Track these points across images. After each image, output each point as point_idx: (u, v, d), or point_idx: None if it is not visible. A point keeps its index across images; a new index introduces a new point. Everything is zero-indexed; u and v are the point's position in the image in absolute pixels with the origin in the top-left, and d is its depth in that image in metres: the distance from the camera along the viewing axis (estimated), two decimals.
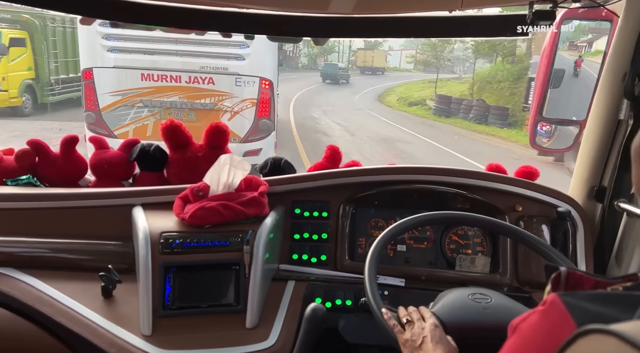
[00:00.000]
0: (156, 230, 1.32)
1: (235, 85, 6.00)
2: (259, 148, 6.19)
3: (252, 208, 1.39)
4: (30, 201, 1.48)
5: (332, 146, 1.80)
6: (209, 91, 6.02)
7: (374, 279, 1.10)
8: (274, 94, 6.21)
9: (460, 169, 1.56)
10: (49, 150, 1.71)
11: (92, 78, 5.94)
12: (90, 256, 1.44)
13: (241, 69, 5.98)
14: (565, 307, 0.49)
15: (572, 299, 0.50)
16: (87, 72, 5.97)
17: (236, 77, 5.98)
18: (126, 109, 6.05)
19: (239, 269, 1.31)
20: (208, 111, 6.10)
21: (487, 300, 1.09)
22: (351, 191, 1.56)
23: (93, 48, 5.90)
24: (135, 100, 6.02)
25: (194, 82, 5.96)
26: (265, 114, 6.14)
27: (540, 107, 1.97)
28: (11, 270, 1.38)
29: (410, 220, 1.22)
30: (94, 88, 5.96)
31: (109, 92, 5.97)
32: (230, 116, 6.11)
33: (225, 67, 5.94)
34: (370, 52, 38.52)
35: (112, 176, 1.74)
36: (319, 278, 1.47)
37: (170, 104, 6.09)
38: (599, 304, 0.48)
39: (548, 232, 1.50)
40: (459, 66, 40.57)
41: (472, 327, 1.04)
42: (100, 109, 6.00)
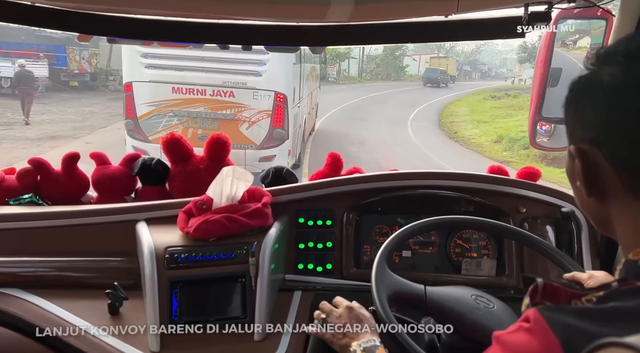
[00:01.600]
0: (161, 245, 1.31)
1: (252, 98, 6.75)
2: (273, 154, 6.90)
3: (256, 219, 1.38)
4: (34, 221, 1.48)
5: (333, 153, 1.80)
6: (229, 103, 6.83)
7: (382, 287, 1.10)
8: (288, 106, 6.88)
9: (462, 173, 1.56)
10: (51, 168, 1.71)
11: (132, 91, 6.83)
12: (95, 273, 1.44)
13: (258, 84, 6.71)
14: (546, 323, 0.50)
15: (551, 314, 0.51)
16: (127, 86, 6.89)
17: (254, 91, 6.73)
18: (159, 117, 6.91)
19: (245, 281, 1.30)
20: (229, 121, 6.87)
21: (489, 305, 1.08)
22: (355, 199, 1.55)
23: (133, 65, 6.79)
24: (167, 110, 6.89)
25: (216, 95, 6.79)
26: (279, 125, 6.85)
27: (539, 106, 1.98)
28: (17, 291, 1.37)
29: (415, 226, 1.22)
30: (133, 99, 6.85)
31: (145, 103, 6.85)
32: (248, 125, 6.89)
33: (244, 82, 6.72)
34: (445, 60, 37.53)
35: (114, 192, 1.74)
36: (326, 287, 1.46)
37: (196, 114, 6.90)
38: (577, 318, 0.49)
39: (553, 233, 1.50)
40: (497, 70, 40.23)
41: (452, 315, 1.05)
42: (137, 117, 6.89)
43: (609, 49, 0.57)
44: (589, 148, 0.57)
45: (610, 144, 0.55)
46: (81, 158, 1.74)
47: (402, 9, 1.35)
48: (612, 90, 0.54)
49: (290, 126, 7.08)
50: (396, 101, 21.56)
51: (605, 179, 0.57)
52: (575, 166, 0.60)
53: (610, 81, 0.55)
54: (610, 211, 0.59)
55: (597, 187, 0.58)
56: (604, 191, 0.58)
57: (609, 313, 0.48)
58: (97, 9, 1.37)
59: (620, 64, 0.54)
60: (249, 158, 6.75)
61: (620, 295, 0.50)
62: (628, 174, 0.55)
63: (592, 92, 0.57)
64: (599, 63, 0.58)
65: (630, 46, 0.55)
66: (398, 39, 1.51)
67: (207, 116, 6.93)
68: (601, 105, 0.56)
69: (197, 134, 6.85)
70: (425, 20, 1.43)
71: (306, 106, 9.46)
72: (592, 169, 0.57)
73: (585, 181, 0.59)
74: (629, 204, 0.56)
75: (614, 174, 0.55)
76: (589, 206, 0.62)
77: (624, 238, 0.59)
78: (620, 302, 0.49)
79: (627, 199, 0.56)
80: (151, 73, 6.77)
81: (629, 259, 0.56)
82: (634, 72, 0.53)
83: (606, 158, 0.56)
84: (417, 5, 1.34)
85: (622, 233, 0.59)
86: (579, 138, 0.59)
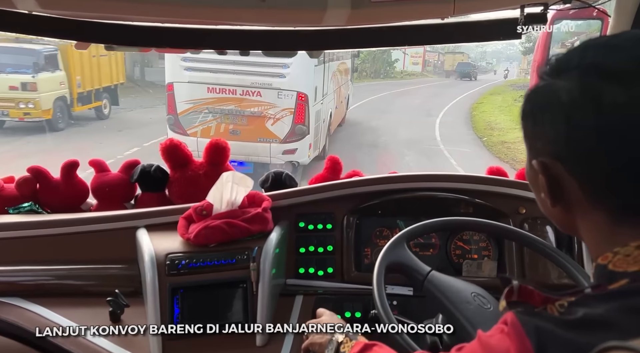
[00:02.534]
0: (162, 251, 1.31)
1: (277, 97, 7.56)
2: (295, 148, 7.70)
3: (257, 224, 1.39)
4: (33, 229, 1.47)
5: (332, 157, 1.80)
6: (257, 102, 7.63)
7: (383, 290, 1.10)
8: (309, 104, 7.69)
9: (461, 175, 1.57)
10: (50, 176, 1.70)
11: (173, 90, 7.71)
12: (96, 281, 1.44)
13: (282, 85, 7.51)
14: (522, 327, 0.51)
15: (528, 318, 0.52)
16: (169, 86, 7.77)
17: (278, 91, 7.53)
18: (196, 114, 7.74)
19: (246, 286, 1.30)
20: (256, 117, 7.68)
21: (485, 304, 1.07)
22: (354, 202, 1.55)
23: (174, 67, 7.63)
24: (203, 107, 7.73)
25: (245, 94, 7.62)
26: (300, 121, 7.64)
27: None
28: (17, 300, 1.37)
29: (415, 228, 1.22)
30: (174, 98, 7.72)
31: (184, 101, 7.70)
32: (273, 121, 7.68)
33: (270, 83, 7.51)
34: (460, 56, 37.57)
35: (113, 199, 1.74)
36: (327, 291, 1.46)
37: (228, 111, 7.74)
38: (552, 324, 0.50)
39: (553, 233, 1.50)
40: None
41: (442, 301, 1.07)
42: (177, 114, 7.74)
43: (562, 61, 0.56)
44: (551, 162, 0.57)
45: (572, 159, 0.55)
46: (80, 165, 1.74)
47: (399, 12, 1.35)
48: (569, 106, 0.53)
49: (311, 122, 7.85)
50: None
51: (568, 190, 0.57)
52: (539, 180, 0.60)
53: (566, 96, 0.53)
54: (576, 220, 0.59)
55: (561, 198, 0.58)
56: (569, 202, 0.58)
57: (580, 321, 0.49)
58: (94, 17, 1.37)
59: (575, 80, 0.53)
60: (274, 151, 7.64)
61: (591, 301, 0.51)
62: (590, 189, 0.55)
63: (549, 107, 0.56)
64: (554, 74, 0.56)
65: (585, 60, 0.54)
66: (395, 43, 1.52)
67: (237, 113, 7.72)
68: (559, 121, 0.55)
69: (228, 129, 7.73)
70: (422, 23, 1.44)
71: (332, 101, 10.22)
72: (556, 182, 0.57)
73: (550, 193, 0.59)
74: (592, 214, 0.56)
75: (577, 186, 0.56)
76: (555, 216, 0.62)
77: (591, 245, 0.59)
78: (590, 309, 0.50)
79: (589, 209, 0.56)
80: (189, 75, 7.56)
81: (598, 263, 0.57)
82: (589, 90, 0.52)
83: (569, 172, 0.56)
84: (414, 9, 1.35)
85: (589, 239, 0.59)
86: (540, 152, 0.58)
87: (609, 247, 0.55)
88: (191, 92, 7.68)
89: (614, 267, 0.54)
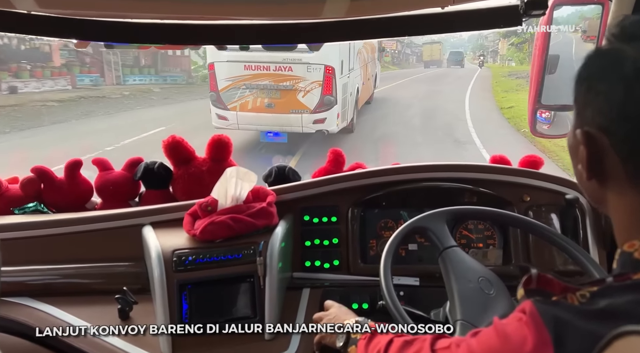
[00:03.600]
0: (168, 248, 1.32)
1: (307, 71, 8.23)
2: (324, 117, 8.35)
3: (262, 219, 1.39)
4: (39, 229, 1.48)
5: (335, 150, 1.80)
6: (288, 76, 8.33)
7: (390, 281, 1.10)
8: (335, 77, 8.34)
9: (465, 164, 1.57)
10: (54, 176, 1.71)
11: (214, 69, 8.47)
12: (103, 279, 1.45)
13: (311, 59, 8.13)
14: (540, 316, 0.51)
15: (546, 308, 0.51)
16: (210, 65, 8.56)
17: (307, 65, 8.20)
18: (235, 90, 8.49)
19: (253, 281, 1.31)
20: (288, 91, 8.39)
21: (487, 289, 1.07)
22: (358, 194, 1.56)
23: (214, 49, 8.07)
24: (241, 84, 8.46)
25: (278, 70, 8.31)
26: (328, 92, 8.29)
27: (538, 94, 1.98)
28: (26, 299, 1.38)
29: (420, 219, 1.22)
30: (215, 76, 8.49)
31: (224, 79, 8.47)
32: (303, 94, 8.39)
33: (300, 58, 8.15)
34: (438, 45, 38.23)
35: (118, 197, 1.74)
36: (334, 283, 1.47)
37: (263, 86, 8.44)
38: (571, 315, 0.49)
39: (557, 220, 1.50)
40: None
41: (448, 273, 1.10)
42: (219, 91, 8.52)
43: (636, 26, 0.52)
44: (597, 134, 0.54)
45: (621, 134, 0.52)
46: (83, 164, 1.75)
47: (399, 2, 1.34)
48: (632, 77, 0.50)
49: (339, 94, 8.48)
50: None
51: (608, 166, 0.54)
52: (579, 150, 0.57)
53: (631, 66, 0.50)
54: (609, 196, 0.57)
55: (599, 172, 0.56)
56: (606, 177, 0.56)
57: (602, 311, 0.48)
58: (93, 15, 1.36)
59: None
60: (305, 121, 8.38)
61: (614, 291, 0.50)
62: (634, 166, 0.53)
63: (610, 75, 0.52)
64: (623, 39, 0.52)
65: None
66: (395, 33, 1.51)
67: (271, 88, 8.45)
68: (617, 91, 0.51)
69: (264, 103, 8.49)
70: (422, 13, 1.43)
71: (358, 77, 10.77)
72: (597, 156, 0.55)
73: (588, 166, 0.56)
74: (628, 193, 0.54)
75: (619, 162, 0.53)
76: (588, 188, 0.60)
77: (619, 227, 0.57)
78: (613, 299, 0.48)
79: (627, 188, 0.54)
80: (227, 54, 8.22)
81: (624, 251, 0.55)
82: None
83: (614, 147, 0.53)
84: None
85: (618, 220, 0.57)
86: (588, 121, 0.55)
87: (638, 232, 0.54)
88: (230, 71, 8.44)
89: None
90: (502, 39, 32.99)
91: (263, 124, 8.52)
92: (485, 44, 48.35)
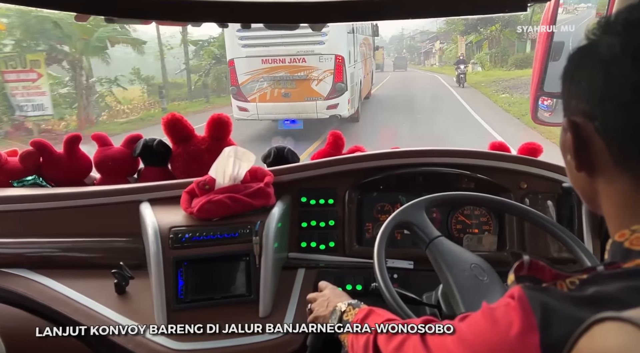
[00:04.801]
0: (165, 225, 1.33)
1: (319, 61, 9.17)
2: (336, 103, 9.25)
3: (259, 199, 1.39)
4: (38, 202, 1.49)
5: (334, 132, 1.80)
6: (302, 67, 9.28)
7: (384, 263, 1.11)
8: (345, 65, 9.23)
9: (464, 150, 1.56)
10: (53, 150, 1.71)
11: (234, 65, 9.37)
12: (101, 253, 1.46)
13: (322, 50, 9.12)
14: (528, 302, 0.52)
15: (534, 293, 0.52)
16: (230, 61, 9.47)
17: (319, 56, 9.14)
18: (253, 83, 9.37)
19: (249, 260, 1.32)
20: (302, 80, 9.32)
21: (480, 276, 1.08)
22: (356, 177, 1.56)
23: (233, 46, 9.28)
24: (259, 77, 9.34)
25: (293, 62, 9.26)
26: (339, 80, 9.19)
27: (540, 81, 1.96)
28: (25, 271, 1.40)
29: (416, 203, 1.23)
30: (235, 71, 9.38)
31: (243, 73, 9.35)
32: (316, 82, 9.30)
33: (312, 50, 9.12)
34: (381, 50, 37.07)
35: (117, 173, 1.75)
36: (329, 264, 1.49)
37: (279, 78, 9.34)
38: (559, 301, 0.50)
39: (554, 208, 1.50)
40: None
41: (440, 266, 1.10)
42: (239, 84, 9.39)
43: (610, 18, 0.56)
44: (582, 121, 0.56)
45: (602, 117, 0.54)
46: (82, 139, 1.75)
47: None
48: (608, 61, 0.53)
49: (348, 81, 9.35)
50: None
51: (595, 152, 0.56)
52: (566, 139, 0.59)
53: (607, 52, 0.53)
54: (599, 187, 0.58)
55: (587, 161, 0.57)
56: (594, 166, 0.57)
57: (590, 297, 0.48)
58: None
59: (619, 34, 0.53)
60: (319, 107, 9.25)
61: (603, 279, 0.50)
62: (618, 149, 0.54)
63: (588, 63, 0.56)
64: (600, 33, 0.56)
65: (631, 15, 0.54)
66: (400, 15, 1.49)
67: (287, 78, 9.35)
68: (597, 77, 0.54)
69: (281, 93, 9.37)
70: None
71: (361, 70, 11.64)
72: (584, 143, 0.57)
73: (576, 154, 0.58)
74: (617, 180, 0.55)
75: (604, 148, 0.55)
76: (579, 181, 0.61)
77: (611, 217, 0.58)
78: (602, 286, 0.49)
79: (614, 175, 0.55)
80: (246, 51, 9.16)
81: (615, 240, 0.56)
82: (631, 42, 0.51)
83: (598, 131, 0.55)
84: None
85: (609, 211, 0.58)
86: (573, 110, 0.58)
87: (629, 220, 0.54)
88: (249, 65, 9.28)
89: (630, 245, 0.53)
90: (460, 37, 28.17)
91: (281, 113, 9.34)
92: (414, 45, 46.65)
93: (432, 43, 41.31)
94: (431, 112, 12.91)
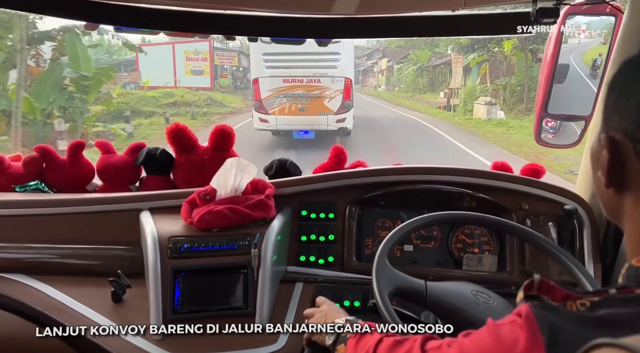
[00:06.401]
0: (164, 234, 1.33)
1: (331, 83, 10.79)
2: (344, 117, 10.79)
3: (259, 211, 1.39)
4: (39, 208, 1.49)
5: (337, 146, 1.80)
6: (317, 87, 10.90)
7: (382, 280, 1.10)
8: (352, 86, 11.09)
9: (466, 169, 1.56)
10: (56, 156, 1.72)
11: (258, 83, 10.88)
12: (99, 261, 1.45)
13: (334, 73, 10.75)
14: (535, 320, 0.51)
15: (542, 312, 0.51)
16: (255, 80, 11.03)
17: (332, 77, 10.77)
18: (274, 98, 10.87)
19: (247, 272, 1.31)
20: (316, 98, 10.90)
21: (488, 301, 1.08)
22: (357, 192, 1.56)
23: (258, 66, 10.81)
24: (279, 94, 10.88)
25: (309, 82, 10.85)
26: (347, 98, 10.87)
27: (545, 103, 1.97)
28: (21, 276, 1.39)
29: (417, 221, 1.22)
30: (259, 88, 10.85)
31: (266, 90, 10.83)
32: (328, 100, 10.87)
33: (326, 73, 10.75)
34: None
35: (119, 181, 1.75)
36: (327, 279, 1.47)
37: (297, 95, 10.88)
38: (567, 321, 0.49)
39: (555, 230, 1.49)
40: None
41: (452, 310, 1.06)
42: (262, 100, 10.86)
43: None
44: (622, 139, 0.53)
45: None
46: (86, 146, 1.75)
47: (409, 2, 1.34)
48: None
49: (353, 99, 11.11)
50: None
51: (629, 174, 0.54)
52: (601, 156, 0.56)
53: None
54: (624, 206, 0.57)
55: (618, 180, 0.55)
56: (624, 186, 0.55)
57: (600, 319, 0.48)
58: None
59: None
60: (330, 121, 10.73)
61: (615, 303, 0.49)
62: None
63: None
64: None
65: None
66: (404, 33, 1.50)
67: (304, 96, 10.88)
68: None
69: (297, 107, 10.85)
70: (432, 14, 1.42)
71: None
72: (619, 162, 0.54)
73: (609, 172, 0.56)
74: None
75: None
76: (604, 196, 0.59)
77: (631, 240, 0.57)
78: (613, 309, 0.48)
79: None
80: (270, 71, 10.70)
81: (631, 265, 0.54)
82: None
83: (637, 154, 0.52)
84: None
85: (631, 233, 0.57)
86: (614, 126, 0.55)
87: None
88: (272, 84, 10.79)
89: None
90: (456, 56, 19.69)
91: (297, 124, 10.80)
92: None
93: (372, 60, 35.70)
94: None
